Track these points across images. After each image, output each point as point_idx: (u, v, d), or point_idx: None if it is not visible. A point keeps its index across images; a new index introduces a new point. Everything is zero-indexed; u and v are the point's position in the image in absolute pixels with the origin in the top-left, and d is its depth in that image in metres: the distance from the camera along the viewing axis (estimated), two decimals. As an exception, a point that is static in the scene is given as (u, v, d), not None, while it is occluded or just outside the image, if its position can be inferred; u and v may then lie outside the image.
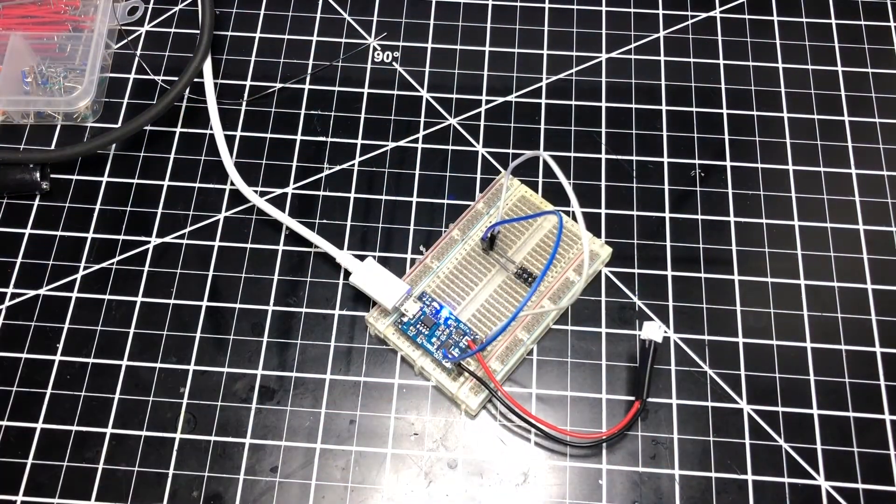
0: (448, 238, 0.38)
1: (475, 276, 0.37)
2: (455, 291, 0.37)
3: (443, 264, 0.38)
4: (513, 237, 0.38)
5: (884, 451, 0.35)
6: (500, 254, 0.38)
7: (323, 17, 0.45)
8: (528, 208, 0.39)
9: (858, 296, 0.38)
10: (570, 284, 0.37)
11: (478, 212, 0.39)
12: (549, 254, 0.37)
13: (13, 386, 0.36)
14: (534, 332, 0.36)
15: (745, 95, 0.43)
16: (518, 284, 0.37)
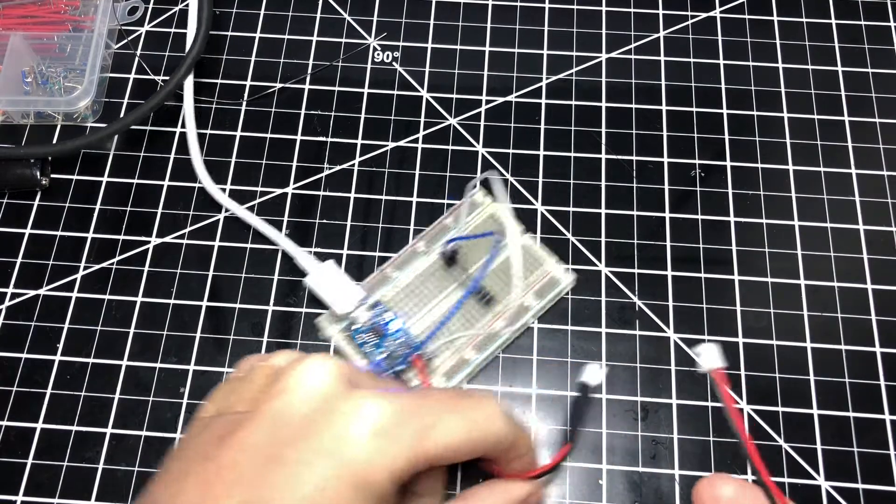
0: (412, 249, 0.38)
1: (433, 291, 0.37)
2: (411, 302, 0.37)
3: (402, 275, 0.37)
4: (476, 255, 0.38)
5: (884, 451, 0.35)
6: (462, 269, 0.37)
7: (323, 17, 0.45)
8: (493, 224, 0.39)
9: (858, 296, 0.38)
10: (527, 310, 0.37)
11: (445, 226, 0.39)
12: (511, 275, 0.36)
13: (13, 386, 0.36)
14: (483, 352, 0.36)
15: (745, 95, 0.43)
16: (476, 303, 0.37)
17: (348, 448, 0.23)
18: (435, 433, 0.25)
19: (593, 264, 0.39)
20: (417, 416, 0.25)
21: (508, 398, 0.36)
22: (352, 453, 0.23)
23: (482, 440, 0.26)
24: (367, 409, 0.24)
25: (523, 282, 0.33)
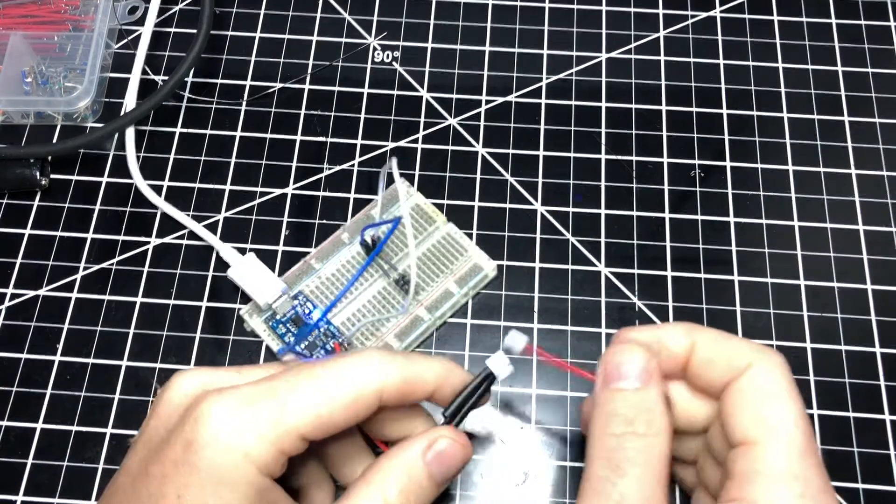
0: (335, 239, 0.38)
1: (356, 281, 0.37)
2: (333, 294, 0.37)
3: (325, 266, 0.37)
4: (399, 245, 0.38)
5: (884, 451, 0.35)
6: (385, 260, 0.37)
7: (323, 17, 0.45)
8: (420, 216, 0.39)
9: (858, 296, 0.38)
10: (449, 296, 0.37)
11: (370, 217, 0.39)
12: (434, 264, 0.37)
13: (13, 386, 0.36)
14: (405, 340, 0.36)
15: (745, 95, 0.43)
16: (397, 292, 0.37)
17: (201, 450, 0.24)
18: (294, 409, 0.25)
19: (593, 264, 0.39)
20: (268, 398, 0.25)
21: (508, 398, 0.36)
22: (205, 455, 0.24)
23: (360, 396, 0.26)
24: (214, 408, 0.24)
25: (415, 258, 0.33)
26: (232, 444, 0.24)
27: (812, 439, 0.25)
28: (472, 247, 0.38)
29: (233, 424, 0.24)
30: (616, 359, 0.27)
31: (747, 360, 0.26)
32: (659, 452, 0.25)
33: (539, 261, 0.39)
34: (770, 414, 0.25)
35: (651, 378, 0.27)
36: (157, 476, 0.24)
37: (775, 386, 0.26)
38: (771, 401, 0.26)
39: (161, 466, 0.24)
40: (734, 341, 0.27)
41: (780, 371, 0.26)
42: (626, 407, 0.26)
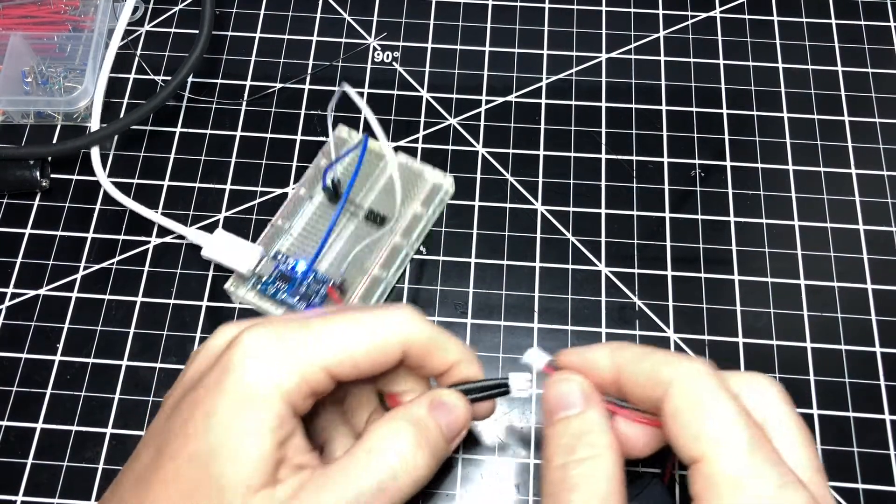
0: (295, 197, 0.38)
1: (326, 227, 0.38)
2: (310, 246, 0.38)
3: (294, 223, 0.38)
4: (358, 184, 0.39)
5: (884, 451, 0.35)
6: (349, 202, 0.38)
7: (323, 17, 0.45)
8: (369, 155, 0.39)
9: (858, 296, 0.38)
10: (419, 218, 0.38)
11: (320, 168, 0.39)
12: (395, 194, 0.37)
13: (13, 386, 0.36)
14: (391, 267, 0.37)
15: (745, 95, 0.43)
16: (371, 226, 0.38)
17: (233, 373, 0.25)
18: (324, 343, 0.26)
19: (593, 264, 0.39)
20: (302, 332, 0.26)
21: (508, 398, 0.36)
22: (235, 378, 0.25)
23: (387, 343, 0.27)
24: (250, 336, 0.26)
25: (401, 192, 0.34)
26: (262, 370, 0.25)
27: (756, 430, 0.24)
28: (426, 169, 0.39)
29: (266, 352, 0.26)
30: (553, 391, 0.28)
31: (667, 377, 0.25)
32: (603, 471, 0.25)
33: (539, 260, 0.39)
34: (706, 427, 0.24)
35: (588, 400, 0.27)
36: (189, 403, 0.26)
37: (702, 394, 0.25)
38: (699, 413, 0.24)
39: (195, 394, 0.26)
40: (652, 358, 0.26)
41: (702, 378, 0.25)
42: (567, 435, 0.26)
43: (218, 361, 0.26)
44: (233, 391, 0.25)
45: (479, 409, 0.30)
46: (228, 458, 0.25)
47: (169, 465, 0.25)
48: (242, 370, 0.26)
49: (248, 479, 0.25)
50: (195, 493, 0.25)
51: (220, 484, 0.25)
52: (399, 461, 0.26)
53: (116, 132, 0.40)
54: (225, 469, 0.25)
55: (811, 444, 0.25)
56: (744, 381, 0.26)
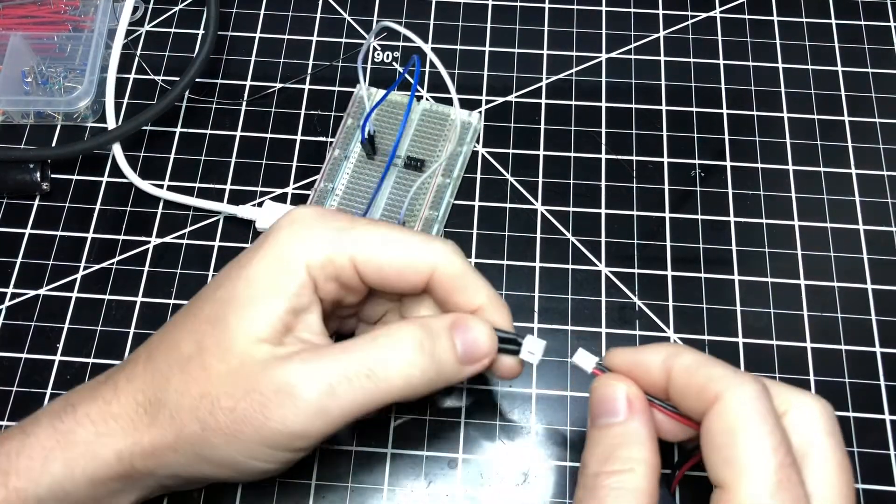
0: (332, 159, 0.40)
1: (370, 182, 0.39)
2: (358, 202, 0.39)
3: (337, 182, 0.39)
4: (389, 134, 0.40)
5: (884, 451, 0.35)
6: (384, 154, 0.40)
7: (323, 17, 0.45)
8: (393, 107, 0.41)
9: (858, 296, 0.38)
10: (456, 156, 0.39)
11: (350, 127, 0.41)
12: (428, 137, 0.40)
13: (13, 386, 0.36)
14: (440, 206, 0.39)
15: (745, 95, 0.43)
16: (411, 173, 0.40)
17: (270, 240, 0.29)
18: (359, 237, 0.29)
19: (593, 264, 0.39)
20: (342, 222, 0.29)
21: (508, 398, 0.36)
22: (271, 244, 0.29)
23: (416, 260, 0.29)
24: (294, 212, 0.29)
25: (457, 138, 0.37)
26: (296, 237, 0.28)
27: (788, 470, 0.23)
28: (452, 110, 0.40)
29: (305, 224, 0.29)
30: (597, 395, 0.28)
31: (716, 392, 0.25)
32: (633, 486, 0.25)
33: (539, 260, 0.39)
34: (738, 455, 0.24)
35: (632, 409, 0.27)
36: (231, 262, 0.29)
37: (743, 421, 0.24)
38: (738, 439, 0.24)
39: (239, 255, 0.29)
40: (707, 369, 0.26)
41: (750, 402, 0.24)
42: (605, 444, 0.26)
43: (271, 227, 0.29)
44: (267, 253, 0.28)
45: (502, 365, 0.30)
46: (243, 305, 0.27)
47: (195, 305, 0.29)
48: (280, 236, 0.28)
49: (255, 328, 0.27)
50: (207, 331, 0.28)
51: (227, 325, 0.27)
52: (395, 355, 0.27)
53: (125, 134, 0.40)
54: (237, 314, 0.27)
55: (846, 485, 0.25)
56: (796, 400, 0.26)
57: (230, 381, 0.27)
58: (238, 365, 0.27)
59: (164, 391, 0.27)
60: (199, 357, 0.27)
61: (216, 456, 0.27)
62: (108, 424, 0.28)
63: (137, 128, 0.40)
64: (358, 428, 0.35)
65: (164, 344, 0.29)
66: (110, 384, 0.28)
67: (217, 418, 0.26)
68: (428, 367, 0.27)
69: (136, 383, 0.28)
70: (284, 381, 0.26)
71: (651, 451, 0.26)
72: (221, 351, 0.27)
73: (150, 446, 0.27)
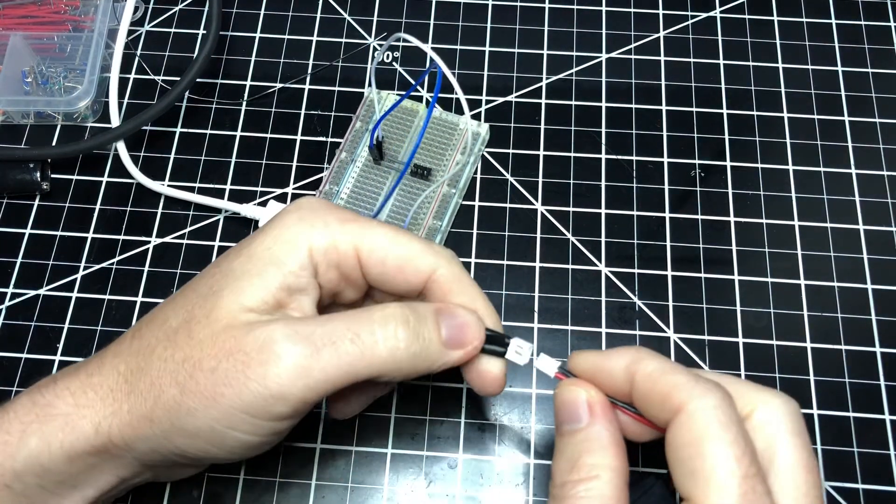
0: (338, 162, 0.40)
1: (375, 187, 0.39)
2: (363, 206, 0.39)
3: (342, 186, 0.39)
4: (397, 141, 0.40)
5: (884, 451, 0.35)
6: (391, 160, 0.40)
7: (323, 17, 0.45)
8: (402, 112, 0.41)
9: (858, 296, 0.38)
10: (462, 166, 0.39)
11: (358, 130, 0.41)
12: (435, 145, 0.40)
13: (13, 386, 0.36)
14: (444, 217, 0.39)
15: (745, 95, 0.43)
16: (417, 181, 0.39)
17: (275, 222, 0.29)
18: (364, 230, 0.29)
19: (593, 264, 0.39)
20: (350, 214, 0.29)
21: (508, 398, 0.36)
22: (276, 225, 0.29)
23: (417, 260, 0.29)
24: (302, 199, 0.30)
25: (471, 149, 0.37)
26: (301, 220, 0.29)
27: (754, 480, 0.23)
28: (460, 119, 0.40)
29: (311, 209, 0.29)
30: (559, 400, 0.27)
31: (678, 402, 0.24)
32: (598, 494, 0.25)
33: (539, 260, 0.39)
34: (701, 467, 0.23)
35: (593, 414, 0.26)
36: (236, 246, 0.29)
37: (706, 432, 0.24)
38: (701, 451, 0.23)
39: (242, 240, 0.30)
40: (669, 377, 0.25)
41: (712, 412, 0.24)
42: (569, 451, 0.26)
43: (276, 216, 0.30)
44: (270, 233, 0.29)
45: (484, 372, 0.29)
46: (237, 277, 0.28)
47: (190, 284, 0.29)
48: (286, 219, 0.29)
49: (244, 297, 0.27)
50: (198, 303, 0.28)
51: (219, 296, 0.27)
52: (381, 326, 0.27)
53: (126, 134, 0.40)
54: (231, 286, 0.28)
55: (813, 486, 0.25)
56: (759, 400, 0.26)
57: (213, 343, 0.26)
58: (222, 328, 0.27)
59: (148, 360, 0.27)
60: (186, 326, 0.27)
61: (193, 425, 0.26)
62: (87, 395, 0.27)
63: (139, 126, 0.40)
64: (358, 428, 0.35)
65: (153, 320, 0.29)
66: (96, 360, 0.28)
67: (197, 380, 0.26)
68: (412, 343, 0.27)
69: (121, 357, 0.28)
70: (267, 338, 0.26)
71: (616, 455, 0.26)
72: (207, 318, 0.27)
73: (129, 416, 0.27)
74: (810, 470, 0.25)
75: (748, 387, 0.26)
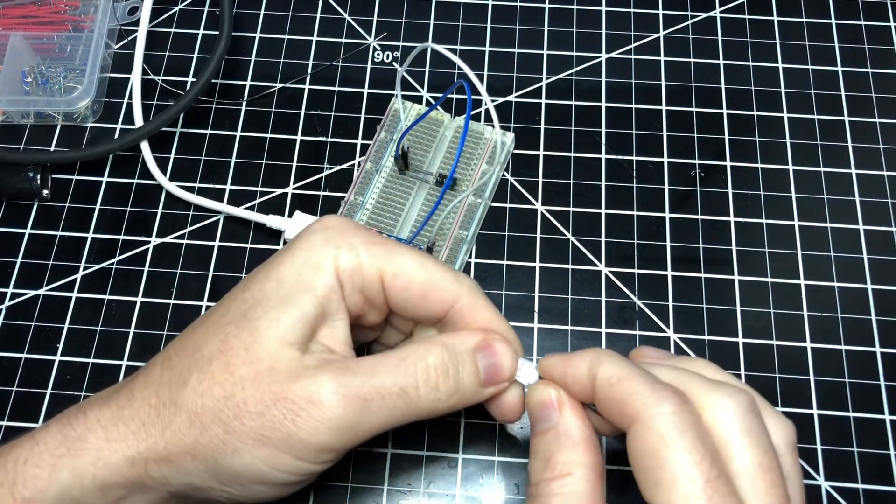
0: (363, 172, 0.39)
1: (400, 197, 0.39)
2: (387, 216, 0.39)
3: (367, 196, 0.39)
4: (422, 151, 0.40)
5: (884, 451, 0.35)
6: (415, 170, 0.39)
7: (323, 17, 0.45)
8: (426, 121, 0.41)
9: (858, 296, 0.38)
10: (488, 176, 0.39)
11: (383, 141, 0.40)
12: (462, 155, 0.40)
13: (13, 386, 0.36)
14: (471, 226, 0.38)
15: (745, 95, 0.43)
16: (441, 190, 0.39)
17: (301, 242, 0.29)
18: (389, 253, 0.29)
19: (593, 264, 0.39)
20: (375, 236, 0.29)
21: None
22: (302, 246, 0.29)
23: (441, 284, 0.29)
24: (327, 218, 0.30)
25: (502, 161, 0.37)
26: (328, 241, 0.28)
27: (717, 482, 0.23)
28: (486, 128, 0.40)
29: (337, 230, 0.29)
30: (530, 402, 0.28)
31: (634, 411, 0.24)
32: (572, 491, 0.25)
33: (539, 260, 0.39)
34: (664, 477, 0.23)
35: (562, 412, 0.27)
36: (262, 268, 0.29)
37: (663, 440, 0.23)
38: (661, 460, 0.23)
39: (268, 262, 0.29)
40: (625, 384, 0.25)
41: (668, 419, 0.24)
42: (541, 450, 0.26)
43: (298, 234, 0.30)
44: (298, 255, 0.28)
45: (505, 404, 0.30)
46: (272, 306, 0.27)
47: (220, 308, 0.28)
48: (312, 239, 0.29)
49: (283, 331, 0.27)
50: (232, 331, 0.27)
51: (255, 326, 0.27)
52: (424, 377, 0.27)
53: (147, 135, 0.40)
54: (266, 315, 0.27)
55: (772, 485, 0.24)
56: (708, 400, 0.25)
57: (258, 385, 0.26)
58: (266, 369, 0.26)
59: (181, 393, 0.27)
60: (222, 357, 0.27)
61: (237, 463, 0.26)
62: (119, 429, 0.27)
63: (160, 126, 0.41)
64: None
65: (184, 347, 0.28)
66: (125, 390, 0.28)
67: (243, 422, 0.26)
68: (453, 394, 0.28)
69: (152, 387, 0.27)
70: (317, 393, 0.26)
71: (587, 451, 0.26)
72: (247, 353, 0.27)
73: (166, 451, 0.27)
74: (767, 469, 0.24)
75: (699, 385, 0.26)
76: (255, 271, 0.29)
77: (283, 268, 0.28)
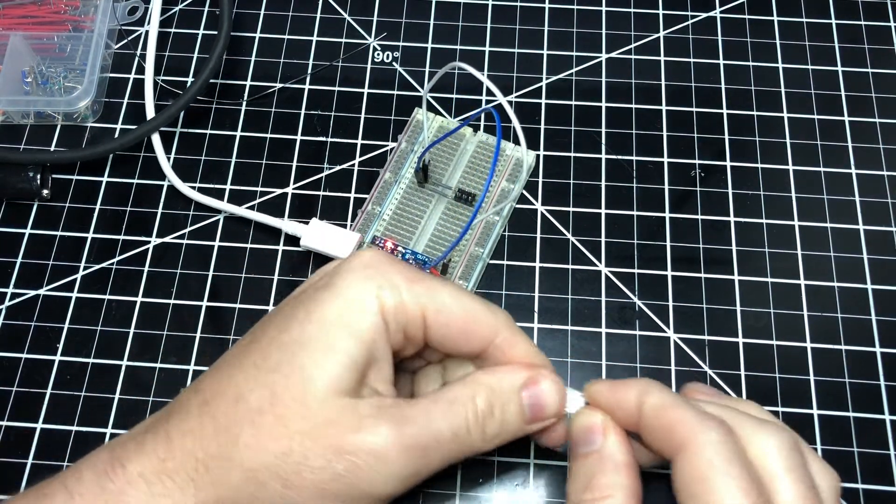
0: (382, 182, 0.39)
1: (418, 210, 0.39)
2: (404, 229, 0.38)
3: (385, 207, 0.39)
4: (442, 165, 0.40)
5: (884, 451, 0.35)
6: (434, 184, 0.39)
7: (323, 17, 0.45)
8: (448, 136, 0.41)
9: (858, 296, 0.38)
10: (507, 193, 0.39)
11: (403, 151, 0.40)
12: (480, 171, 0.39)
13: (13, 386, 0.36)
14: (487, 244, 0.38)
15: (745, 95, 0.43)
16: (461, 206, 0.39)
17: (341, 279, 0.28)
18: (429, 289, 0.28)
19: (593, 264, 0.39)
20: (413, 271, 0.28)
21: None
22: (343, 283, 0.28)
23: (480, 318, 0.28)
24: (365, 252, 0.29)
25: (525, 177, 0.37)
26: (370, 279, 0.27)
27: None
28: (507, 145, 0.40)
29: (379, 268, 0.28)
30: (575, 426, 0.28)
31: (682, 438, 0.25)
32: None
33: (539, 260, 0.39)
34: (710, 501, 0.24)
35: (606, 438, 0.27)
36: (294, 300, 0.28)
37: (712, 468, 0.24)
38: (709, 487, 0.24)
39: (303, 294, 0.28)
40: (673, 412, 0.26)
41: (717, 447, 0.24)
42: (583, 473, 0.27)
43: (334, 269, 0.28)
44: (339, 294, 0.27)
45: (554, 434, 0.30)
46: (320, 350, 0.26)
47: (257, 349, 0.27)
48: (353, 278, 0.27)
49: (334, 379, 0.26)
50: (278, 380, 0.26)
51: (304, 375, 0.26)
52: (473, 419, 0.27)
53: (148, 133, 0.40)
54: (314, 362, 0.26)
55: None
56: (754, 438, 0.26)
57: (316, 439, 0.26)
58: (323, 422, 0.26)
59: (232, 448, 0.26)
60: (273, 410, 0.26)
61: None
62: (165, 484, 0.26)
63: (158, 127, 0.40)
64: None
65: (222, 394, 0.27)
66: (161, 436, 0.27)
67: (304, 476, 0.25)
68: (498, 435, 0.28)
69: (194, 437, 0.26)
70: (379, 445, 0.26)
71: (629, 476, 0.26)
72: (300, 405, 0.26)
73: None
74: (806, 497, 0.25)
75: (745, 420, 0.26)
76: (292, 308, 0.28)
77: (324, 307, 0.27)
